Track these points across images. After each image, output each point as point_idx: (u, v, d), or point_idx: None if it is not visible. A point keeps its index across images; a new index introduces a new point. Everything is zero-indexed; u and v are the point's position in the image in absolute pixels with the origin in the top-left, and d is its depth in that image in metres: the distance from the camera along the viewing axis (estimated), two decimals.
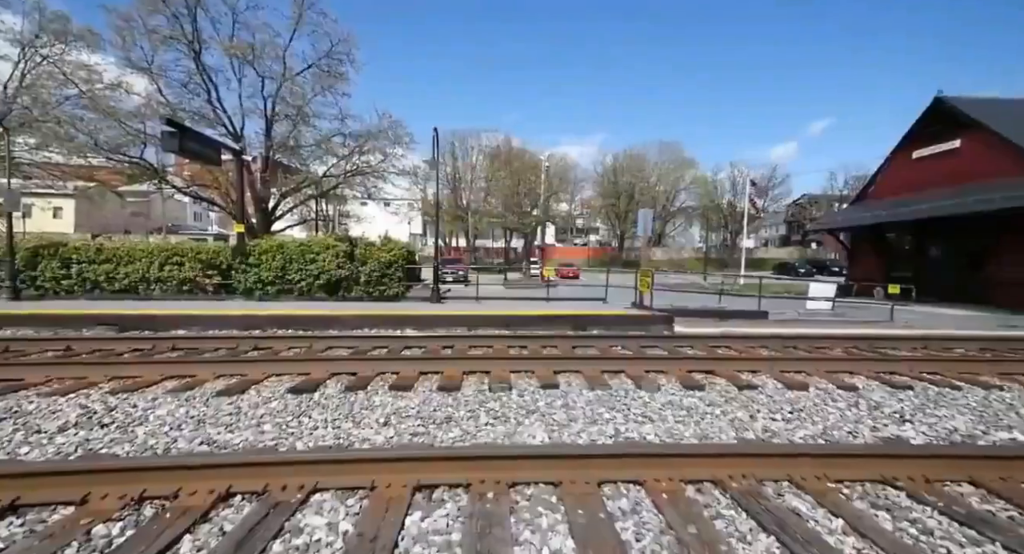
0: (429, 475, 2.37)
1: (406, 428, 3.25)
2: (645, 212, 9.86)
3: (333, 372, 4.48)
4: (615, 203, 50.06)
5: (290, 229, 19.84)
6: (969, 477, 2.49)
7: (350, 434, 3.11)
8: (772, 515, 2.16)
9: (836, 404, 3.99)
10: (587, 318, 8.10)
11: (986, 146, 14.62)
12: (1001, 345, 6.62)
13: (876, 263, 18.70)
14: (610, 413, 3.65)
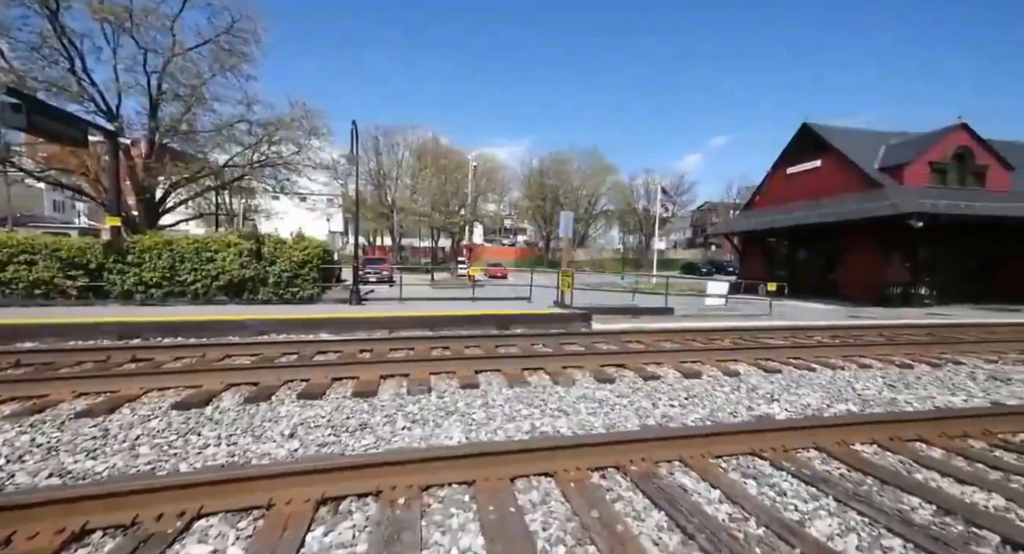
0: (336, 486, 2.26)
1: (314, 439, 3.06)
2: (566, 214, 10.32)
3: (230, 383, 4.06)
4: (541, 205, 51.66)
5: (183, 224, 17.54)
6: (814, 443, 2.98)
7: (248, 450, 2.84)
8: (664, 493, 2.39)
9: (723, 389, 4.52)
10: (511, 317, 8.26)
11: (839, 166, 17.56)
12: (845, 333, 8.00)
13: (761, 263, 21.52)
14: (528, 409, 3.77)
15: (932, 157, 16.12)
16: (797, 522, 2.15)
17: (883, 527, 2.11)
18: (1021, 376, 5.19)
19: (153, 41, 12.63)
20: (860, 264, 16.47)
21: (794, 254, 20.12)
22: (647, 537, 2.03)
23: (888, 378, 5.00)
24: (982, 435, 3.24)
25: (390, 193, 37.86)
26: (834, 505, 2.31)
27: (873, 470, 2.68)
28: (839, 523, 2.15)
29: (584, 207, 57.99)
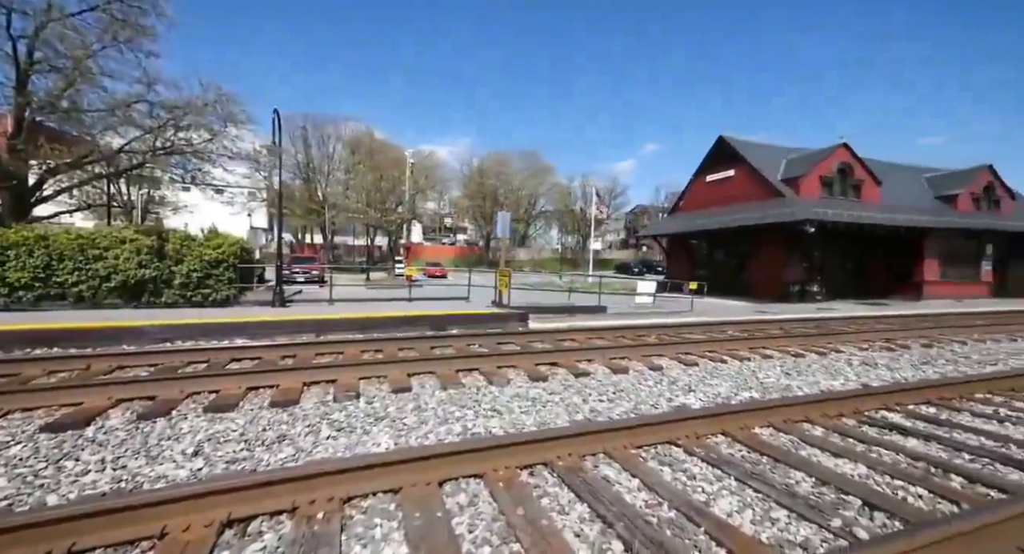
0: (244, 506, 2.08)
1: (223, 455, 2.79)
2: (503, 215, 10.40)
3: (120, 398, 3.58)
4: (481, 204, 51.64)
5: (67, 216, 15.16)
6: (722, 430, 3.28)
7: (139, 474, 2.52)
8: (588, 485, 2.49)
9: (647, 382, 4.81)
10: (448, 318, 8.16)
11: (749, 176, 19.50)
12: (752, 327, 8.92)
13: (685, 264, 23.28)
14: (461, 411, 3.74)
15: (821, 171, 18.48)
16: (703, 502, 2.35)
17: (773, 501, 2.37)
18: (884, 361, 6.11)
19: (22, 1, 10.73)
20: (766, 264, 18.45)
21: (713, 255, 22.03)
22: (570, 530, 2.10)
23: (785, 367, 5.63)
24: (853, 414, 3.77)
25: (321, 188, 35.63)
26: (735, 484, 2.56)
27: (768, 450, 3.00)
28: (738, 500, 2.38)
29: (524, 207, 58.91)
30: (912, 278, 18.76)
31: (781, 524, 2.18)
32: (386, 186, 34.05)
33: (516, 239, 60.33)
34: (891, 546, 1.69)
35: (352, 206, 34.23)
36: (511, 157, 54.32)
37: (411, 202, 35.40)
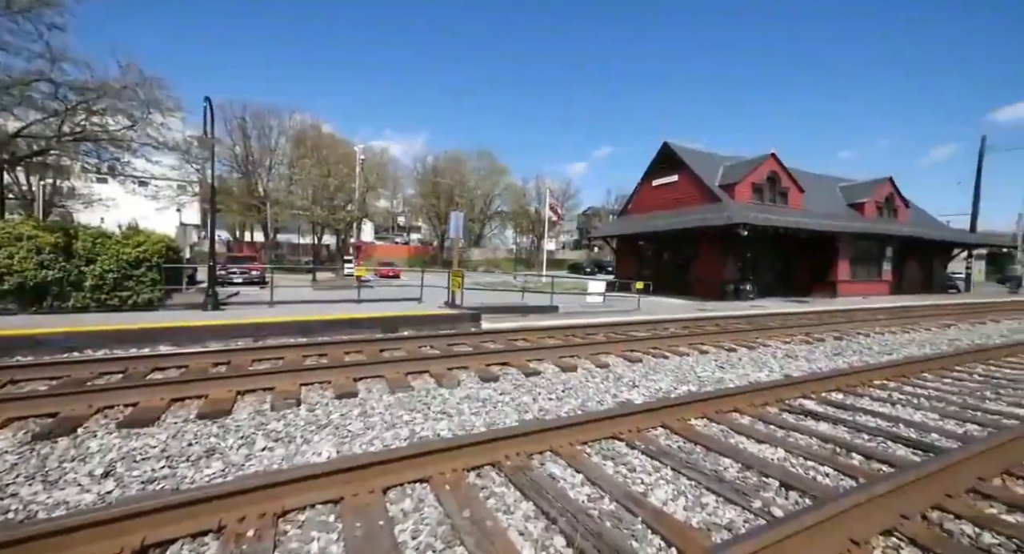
0: (162, 530, 1.91)
1: (140, 475, 2.54)
2: (456, 214, 10.30)
3: (10, 417, 3.16)
4: (436, 203, 50.82)
5: None
6: (661, 422, 3.46)
7: (32, 502, 2.24)
8: (534, 483, 2.53)
9: (594, 379, 4.97)
10: (399, 319, 7.96)
11: (691, 181, 20.69)
12: (692, 324, 9.48)
13: (633, 264, 24.26)
14: (409, 415, 3.67)
15: (753, 179, 20.00)
16: (642, 493, 2.47)
17: (704, 487, 2.54)
18: (803, 353, 6.73)
19: None
20: (706, 265, 19.67)
21: (659, 256, 23.14)
22: (515, 529, 2.12)
23: (719, 361, 6.04)
24: (776, 402, 4.12)
25: (262, 183, 33.33)
26: (671, 474, 2.71)
27: (702, 440, 3.21)
28: (673, 489, 2.53)
29: (479, 207, 58.68)
30: (828, 277, 20.77)
31: (710, 508, 2.34)
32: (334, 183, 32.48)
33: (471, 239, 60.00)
34: (801, 521, 1.86)
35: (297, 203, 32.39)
36: (466, 156, 53.96)
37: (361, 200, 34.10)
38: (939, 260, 26.66)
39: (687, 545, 1.96)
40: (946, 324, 10.51)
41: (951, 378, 5.20)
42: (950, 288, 27.00)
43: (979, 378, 5.22)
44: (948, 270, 27.80)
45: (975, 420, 3.71)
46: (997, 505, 2.33)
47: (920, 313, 12.57)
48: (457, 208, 44.78)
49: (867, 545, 1.94)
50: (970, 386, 4.86)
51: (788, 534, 1.77)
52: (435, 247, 53.47)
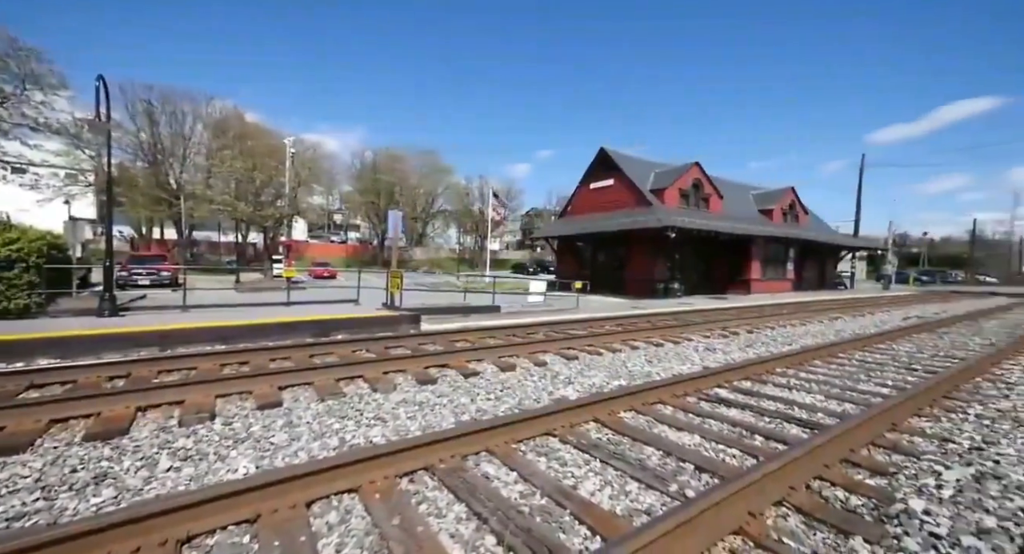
0: None
1: (4, 511, 2.19)
2: (395, 214, 10.00)
3: None
4: (375, 201, 48.92)
5: None
6: (593, 417, 3.63)
7: None
8: (467, 484, 2.54)
9: (532, 378, 5.08)
10: (333, 322, 7.57)
11: (625, 186, 21.82)
12: (626, 321, 10.02)
13: (573, 264, 25.09)
14: (340, 423, 3.51)
15: (680, 185, 21.56)
16: (571, 486, 2.58)
17: (628, 476, 2.70)
18: (720, 346, 7.38)
19: None
20: (639, 265, 20.86)
21: (596, 256, 24.13)
22: (445, 532, 2.12)
23: (648, 356, 6.44)
24: (695, 392, 4.48)
25: (174, 174, 29.91)
26: (599, 465, 2.86)
27: (629, 431, 3.41)
28: (600, 480, 2.66)
29: (421, 206, 57.43)
30: (743, 276, 22.94)
31: (633, 495, 2.50)
32: (261, 176, 29.97)
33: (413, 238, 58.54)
34: (707, 500, 2.05)
35: (217, 197, 29.47)
36: (407, 153, 52.50)
37: (292, 196, 31.83)
38: (831, 260, 30.49)
39: (609, 532, 2.08)
40: (834, 317, 12.06)
41: (835, 364, 5.99)
42: (839, 285, 30.96)
43: (856, 363, 6.06)
44: (837, 269, 31.89)
45: (851, 400, 4.30)
46: (863, 472, 2.73)
47: (815, 308, 14.30)
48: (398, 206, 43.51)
49: (762, 515, 2.19)
50: (849, 370, 5.62)
51: (696, 513, 1.94)
52: (375, 246, 51.48)
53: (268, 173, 30.31)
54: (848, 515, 2.23)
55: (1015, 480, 2.53)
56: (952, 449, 3.06)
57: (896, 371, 5.61)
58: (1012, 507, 2.22)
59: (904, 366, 5.89)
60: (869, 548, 1.95)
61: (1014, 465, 2.78)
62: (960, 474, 2.57)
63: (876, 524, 2.14)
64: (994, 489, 2.41)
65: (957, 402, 4.25)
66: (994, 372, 5.53)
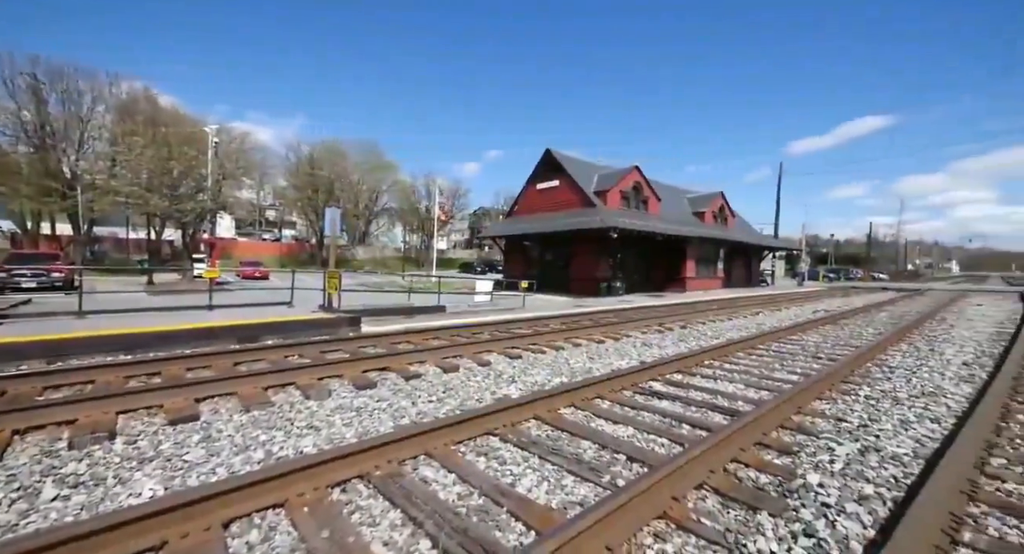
0: None
1: None
2: (332, 211, 9.50)
3: None
4: (313, 197, 46.25)
5: None
6: (533, 415, 3.69)
7: None
8: (404, 490, 2.47)
9: (475, 378, 5.06)
10: (262, 327, 7.05)
11: (570, 187, 22.44)
12: (570, 320, 10.31)
13: (520, 263, 25.37)
14: (267, 434, 3.28)
15: (621, 187, 22.56)
16: (509, 484, 2.60)
17: (565, 470, 2.77)
18: (656, 341, 7.82)
19: None
20: (584, 264, 21.55)
21: (543, 256, 24.59)
22: (379, 540, 2.05)
23: (589, 353, 6.67)
24: (631, 386, 4.71)
25: (68, 161, 26.15)
26: (537, 462, 2.90)
27: (568, 427, 3.50)
28: (538, 476, 2.71)
29: (364, 203, 55.23)
30: (679, 275, 24.51)
31: (568, 489, 2.57)
32: (178, 167, 27.03)
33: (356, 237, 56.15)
34: (636, 488, 2.16)
35: (124, 189, 26.22)
36: (348, 147, 50.15)
37: (216, 189, 29.11)
38: (755, 260, 33.43)
39: (544, 526, 2.12)
40: (756, 312, 13.24)
41: (755, 355, 6.57)
42: (762, 282, 34.04)
43: (772, 354, 6.70)
44: (761, 268, 35.05)
45: (766, 387, 4.74)
46: (772, 452, 3.01)
47: (741, 303, 15.61)
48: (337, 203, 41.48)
49: (684, 499, 2.35)
50: (766, 360, 6.19)
51: (623, 501, 2.04)
52: (312, 245, 48.66)
53: (187, 163, 27.42)
54: (758, 492, 2.45)
55: (890, 452, 2.92)
56: (844, 427, 3.47)
57: (804, 360, 6.26)
58: (887, 475, 2.57)
59: (811, 355, 6.59)
60: (772, 521, 2.16)
61: (891, 438, 3.21)
62: (849, 449, 2.93)
63: (780, 499, 2.37)
64: (874, 461, 2.78)
65: (851, 385, 4.83)
66: (880, 357, 6.36)
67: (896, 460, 2.82)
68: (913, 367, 5.69)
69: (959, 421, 3.49)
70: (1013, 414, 3.79)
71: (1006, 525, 2.15)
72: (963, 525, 2.05)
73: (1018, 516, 2.20)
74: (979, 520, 2.17)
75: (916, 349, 7.07)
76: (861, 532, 2.05)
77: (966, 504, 2.25)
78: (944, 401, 4.17)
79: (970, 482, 2.41)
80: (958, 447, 2.73)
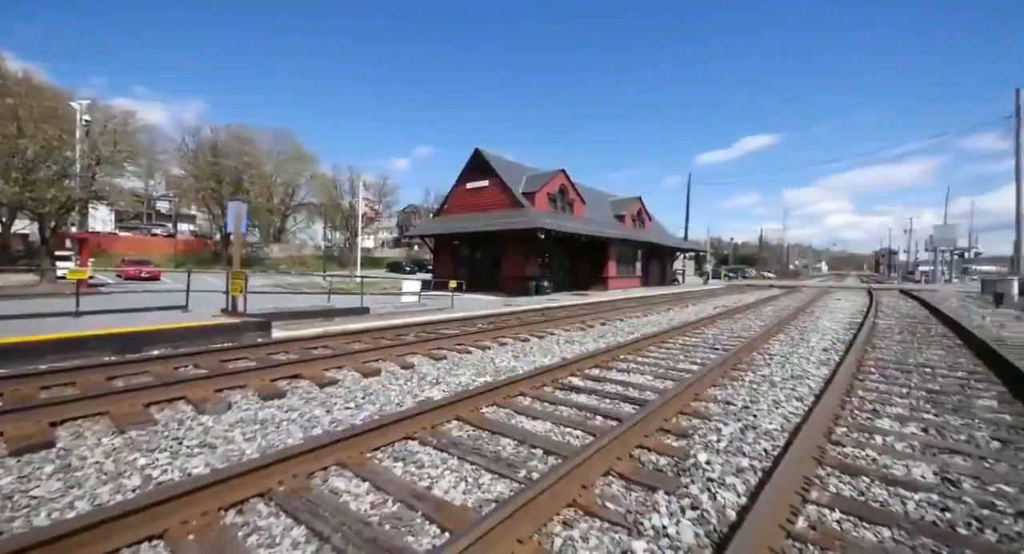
0: None
1: None
2: (237, 204, 8.59)
3: None
4: (216, 188, 41.51)
5: None
6: (455, 415, 3.67)
7: None
8: (310, 504, 2.32)
9: (397, 381, 4.91)
10: (148, 335, 6.17)
11: (500, 187, 22.66)
12: (498, 319, 10.43)
13: (450, 263, 25.07)
14: (147, 457, 2.88)
15: (548, 190, 23.29)
16: (426, 487, 2.56)
17: (483, 468, 2.80)
18: (578, 338, 8.20)
19: None
20: (513, 264, 21.90)
21: (473, 255, 24.55)
22: None
23: (515, 351, 6.79)
24: (552, 382, 4.88)
25: None
26: (456, 463, 2.90)
27: (489, 425, 3.54)
28: (456, 476, 2.70)
29: (280, 197, 50.88)
30: (602, 274, 25.94)
31: (485, 486, 2.59)
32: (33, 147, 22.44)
33: (270, 234, 51.50)
34: (547, 480, 2.25)
35: None
36: (259, 135, 45.78)
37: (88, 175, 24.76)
38: (669, 260, 36.47)
39: (458, 525, 2.12)
40: (668, 308, 14.46)
41: (664, 348, 7.17)
42: (674, 281, 37.25)
43: (679, 346, 7.36)
44: (674, 267, 38.35)
45: (672, 377, 5.20)
46: (671, 437, 3.32)
47: (656, 301, 16.94)
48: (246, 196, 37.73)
49: (592, 486, 2.50)
50: (673, 352, 6.79)
51: (534, 495, 2.11)
52: (216, 242, 43.71)
53: (45, 143, 22.92)
54: (657, 474, 2.69)
55: (764, 428, 3.37)
56: (731, 410, 3.93)
57: (704, 351, 6.97)
58: (759, 449, 2.96)
59: (710, 347, 7.35)
60: (667, 498, 2.38)
61: (766, 417, 3.70)
62: (733, 429, 3.32)
63: (675, 477, 2.62)
64: (751, 437, 3.18)
65: (739, 372, 5.48)
66: (763, 346, 7.29)
67: (768, 435, 3.25)
68: (787, 354, 6.61)
69: (816, 399, 4.12)
70: (855, 390, 4.57)
71: (842, 482, 2.59)
72: (812, 485, 2.44)
73: (851, 474, 2.67)
74: (824, 480, 2.59)
75: (791, 338, 8.21)
76: (736, 500, 2.34)
77: (815, 468, 2.68)
78: (807, 382, 4.91)
79: (819, 449, 2.87)
80: (812, 420, 3.23)
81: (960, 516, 2.25)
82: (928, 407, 4.09)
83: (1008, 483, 2.61)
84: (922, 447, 3.15)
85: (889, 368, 5.68)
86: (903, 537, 2.08)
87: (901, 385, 4.85)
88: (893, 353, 6.73)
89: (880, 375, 5.32)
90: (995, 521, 2.22)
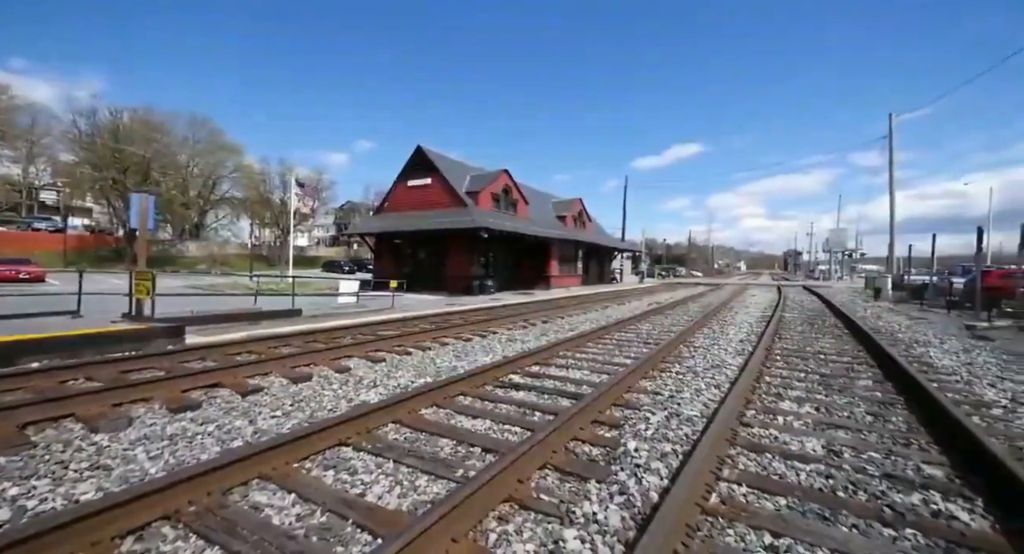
0: None
1: None
2: (141, 197, 7.64)
3: None
4: (119, 179, 36.80)
5: None
6: (393, 418, 3.56)
7: None
8: (226, 523, 2.14)
9: (331, 386, 4.67)
10: (25, 345, 5.32)
11: (443, 186, 22.34)
12: (440, 319, 10.28)
13: (392, 262, 24.26)
14: (21, 486, 2.50)
15: (492, 189, 23.36)
16: (359, 495, 2.46)
17: (420, 470, 2.75)
18: (520, 336, 8.32)
19: None
20: (456, 263, 21.69)
21: (415, 254, 23.97)
22: None
23: (456, 351, 6.73)
24: (493, 381, 4.90)
25: None
26: (392, 467, 2.82)
27: (427, 426, 3.48)
28: (391, 480, 2.63)
29: (198, 190, 46.27)
30: (545, 273, 26.51)
31: (421, 488, 2.55)
32: None
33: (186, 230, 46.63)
34: (483, 477, 2.26)
35: None
36: (171, 120, 41.23)
37: None
38: (607, 259, 38.11)
39: (392, 530, 2.07)
40: (606, 306, 15.12)
41: (601, 344, 7.48)
42: (612, 279, 39.01)
43: (615, 342, 7.73)
44: (612, 266, 40.15)
45: (608, 371, 5.44)
46: (605, 427, 3.48)
47: (595, 299, 17.63)
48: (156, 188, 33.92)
49: (528, 480, 2.55)
50: (609, 348, 7.12)
51: (470, 492, 2.11)
52: (118, 238, 38.76)
53: None
54: (589, 464, 2.81)
55: (686, 415, 3.65)
56: (659, 399, 4.20)
57: (638, 346, 7.37)
58: (681, 434, 3.20)
59: (643, 341, 7.79)
60: (598, 486, 2.49)
61: (688, 404, 4.00)
62: (659, 417, 3.55)
63: (606, 466, 2.75)
64: (675, 424, 3.43)
65: (668, 364, 5.86)
66: (689, 339, 7.87)
67: (689, 421, 3.52)
68: (709, 346, 7.19)
69: (731, 386, 4.54)
70: (763, 376, 5.09)
71: (749, 459, 2.88)
72: (724, 464, 2.69)
73: (757, 452, 2.97)
74: (734, 458, 2.86)
75: (713, 331, 8.94)
76: (658, 483, 2.51)
77: (728, 448, 2.95)
78: (725, 371, 5.38)
79: (732, 431, 3.16)
80: (727, 406, 3.55)
81: (840, 482, 2.60)
82: (820, 389, 4.66)
83: (876, 450, 3.05)
84: (814, 424, 3.58)
85: (791, 356, 6.39)
86: (795, 504, 2.36)
87: (800, 370, 5.48)
88: (795, 342, 7.58)
89: (784, 362, 5.97)
90: (865, 483, 2.58)
